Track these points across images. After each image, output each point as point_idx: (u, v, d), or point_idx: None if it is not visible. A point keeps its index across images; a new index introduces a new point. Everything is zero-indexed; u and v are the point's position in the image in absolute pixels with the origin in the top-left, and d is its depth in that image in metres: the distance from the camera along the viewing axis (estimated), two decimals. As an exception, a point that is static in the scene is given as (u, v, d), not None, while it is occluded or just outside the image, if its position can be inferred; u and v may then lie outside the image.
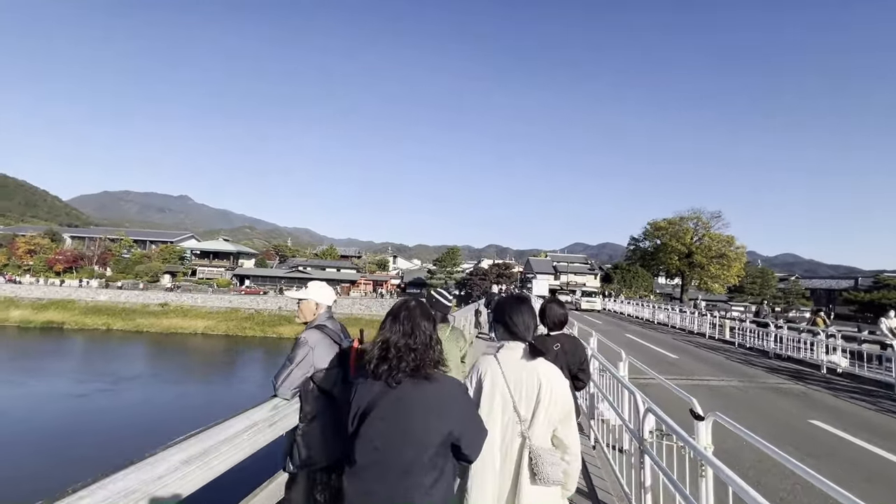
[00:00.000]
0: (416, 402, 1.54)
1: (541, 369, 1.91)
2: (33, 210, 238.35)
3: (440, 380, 1.61)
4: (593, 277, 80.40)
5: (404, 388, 1.55)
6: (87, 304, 45.62)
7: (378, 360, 1.60)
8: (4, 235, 66.08)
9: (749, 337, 15.56)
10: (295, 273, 64.72)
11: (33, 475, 12.16)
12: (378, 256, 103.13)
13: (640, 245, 63.85)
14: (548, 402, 1.84)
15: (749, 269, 60.44)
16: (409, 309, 1.71)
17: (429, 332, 1.68)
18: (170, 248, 65.75)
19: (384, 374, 1.57)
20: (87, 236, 70.75)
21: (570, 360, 3.23)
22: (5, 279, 54.18)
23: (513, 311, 2.06)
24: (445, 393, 1.59)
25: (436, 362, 1.64)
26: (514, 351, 1.97)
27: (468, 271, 67.21)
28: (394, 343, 1.61)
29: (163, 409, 20.47)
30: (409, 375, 1.57)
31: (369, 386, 1.59)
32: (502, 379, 1.90)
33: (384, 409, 1.53)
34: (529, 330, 2.04)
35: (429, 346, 1.64)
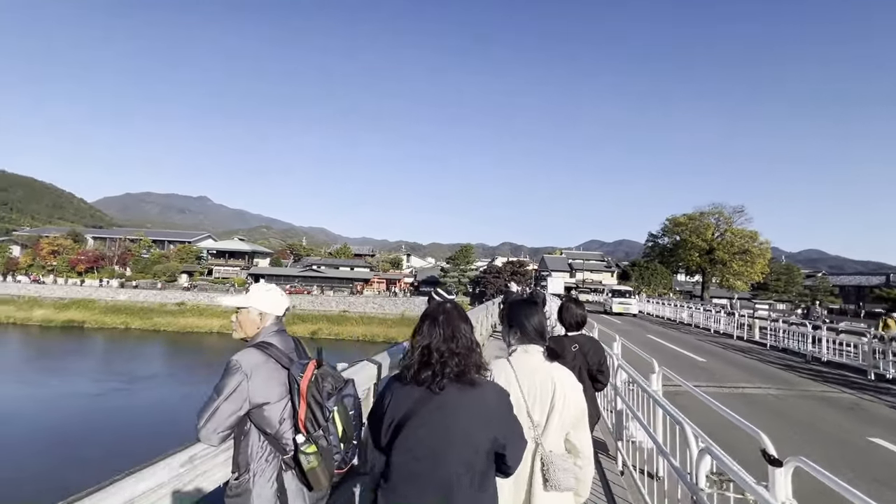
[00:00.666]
0: (461, 408, 1.46)
1: (555, 374, 1.87)
2: (60, 212, 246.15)
3: (484, 385, 1.55)
4: (610, 275, 78.89)
5: (448, 394, 1.48)
6: (107, 304, 46.44)
7: (420, 366, 1.52)
8: (30, 237, 67.96)
9: (782, 338, 14.57)
10: (309, 272, 65.00)
11: (37, 476, 12.03)
12: (392, 255, 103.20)
13: (658, 241, 62.19)
14: (562, 407, 1.81)
15: (773, 266, 58.36)
16: (447, 312, 1.62)
17: (469, 335, 1.60)
18: (187, 248, 66.66)
19: (427, 380, 1.49)
20: (108, 237, 72.30)
21: (589, 360, 3.21)
22: (30, 279, 55.63)
23: (526, 313, 1.99)
24: (490, 398, 1.53)
25: (478, 367, 1.56)
26: (529, 355, 1.92)
27: (482, 269, 66.48)
28: (436, 348, 1.53)
29: (175, 409, 20.40)
30: (454, 381, 1.50)
31: (408, 391, 1.51)
32: (516, 384, 1.85)
33: (426, 416, 1.45)
34: (544, 333, 1.99)
35: (471, 350, 1.57)
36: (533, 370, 1.88)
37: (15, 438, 16.20)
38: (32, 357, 30.58)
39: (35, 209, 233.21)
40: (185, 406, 20.59)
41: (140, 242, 68.55)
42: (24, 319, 42.27)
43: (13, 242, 66.32)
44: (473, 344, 1.60)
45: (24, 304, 44.83)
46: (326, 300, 52.49)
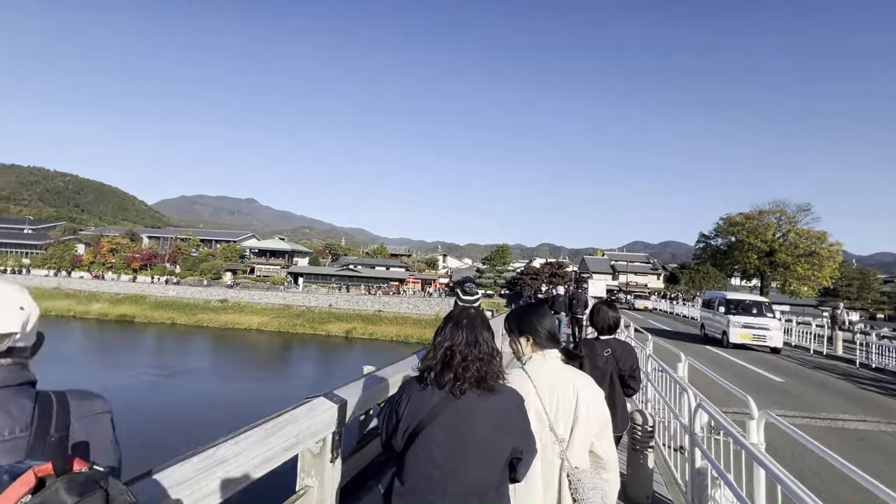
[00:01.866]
0: (482, 414, 1.45)
1: (577, 380, 1.76)
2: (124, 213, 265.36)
3: (504, 391, 1.53)
4: (656, 278, 74.70)
5: (468, 400, 1.46)
6: (157, 300, 48.69)
7: (443, 368, 1.50)
8: (93, 236, 72.95)
9: (877, 353, 12.32)
10: (346, 271, 65.69)
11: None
12: (428, 255, 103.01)
13: (710, 242, 57.92)
14: (586, 418, 1.69)
15: (844, 270, 52.87)
16: (470, 317, 1.60)
17: (490, 342, 1.58)
18: (231, 247, 69.21)
19: (449, 383, 1.47)
20: (162, 236, 76.43)
21: (621, 365, 3.15)
22: (91, 275, 59.52)
23: (536, 317, 1.86)
24: (509, 404, 1.51)
25: (498, 374, 1.54)
26: (547, 361, 1.80)
27: (519, 270, 64.64)
28: (459, 350, 1.51)
29: (209, 405, 20.48)
30: (474, 386, 1.48)
31: (428, 394, 1.49)
32: (535, 396, 1.72)
33: (446, 420, 1.43)
34: (557, 336, 1.88)
35: (492, 357, 1.55)
36: (553, 379, 1.75)
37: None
38: (85, 349, 32.19)
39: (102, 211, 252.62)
40: (220, 400, 20.81)
41: (189, 241, 71.96)
42: (83, 313, 45.03)
43: (78, 241, 71.28)
44: (494, 351, 1.56)
45: (84, 299, 47.81)
46: (362, 299, 52.61)
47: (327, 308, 49.50)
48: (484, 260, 66.90)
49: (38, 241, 71.48)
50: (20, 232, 79.60)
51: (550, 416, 1.71)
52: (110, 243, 65.02)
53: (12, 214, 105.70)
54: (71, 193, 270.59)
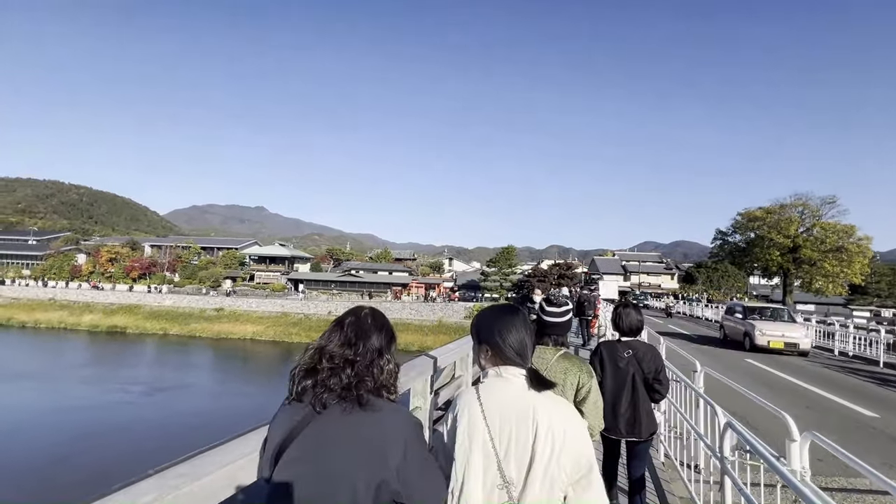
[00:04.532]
0: (342, 436, 1.10)
1: (539, 407, 1.33)
2: (136, 224, 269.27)
3: (385, 408, 1.16)
4: (670, 278, 71.75)
5: (330, 417, 1.13)
6: (151, 309, 47.31)
7: (305, 373, 1.18)
8: (95, 246, 72.43)
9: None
10: (347, 277, 64.00)
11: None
12: (433, 259, 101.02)
13: (728, 239, 54.89)
14: (549, 456, 1.26)
15: (874, 266, 49.50)
16: (357, 315, 1.29)
17: (378, 346, 1.24)
18: (231, 254, 68.03)
19: (307, 391, 1.15)
20: (164, 244, 75.63)
21: (644, 367, 3.04)
22: (90, 285, 58.61)
23: (502, 324, 1.45)
24: (390, 427, 1.14)
25: (381, 386, 1.20)
26: (503, 382, 1.40)
27: (526, 272, 62.23)
28: (328, 353, 1.20)
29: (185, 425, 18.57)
30: (339, 397, 1.14)
31: (291, 411, 1.16)
32: (482, 424, 1.34)
33: (304, 446, 1.10)
34: (526, 352, 1.44)
35: (375, 364, 1.21)
36: (508, 403, 1.35)
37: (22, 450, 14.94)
38: (66, 364, 30.62)
39: (115, 222, 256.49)
40: (188, 422, 18.84)
41: (190, 249, 70.97)
42: (73, 324, 43.78)
43: (79, 251, 70.81)
44: (384, 360, 1.22)
45: (77, 310, 46.62)
46: (362, 306, 50.56)
47: (326, 315, 47.61)
48: (489, 262, 64.53)
49: (40, 252, 71.20)
50: (24, 243, 79.67)
51: (499, 452, 1.30)
52: (109, 252, 64.26)
53: (28, 227, 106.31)
54: (85, 205, 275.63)
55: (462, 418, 1.38)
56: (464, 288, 64.76)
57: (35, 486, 12.28)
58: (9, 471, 13.45)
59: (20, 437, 16.40)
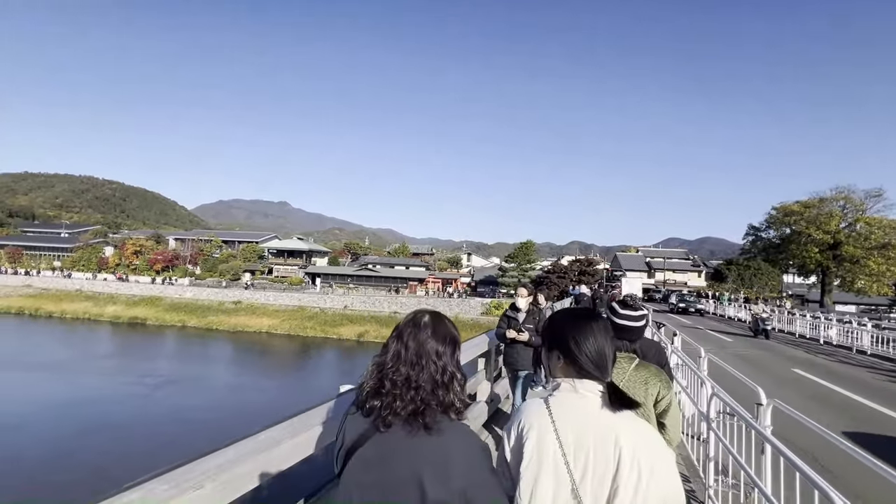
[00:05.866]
0: (405, 458, 1.08)
1: (623, 432, 1.15)
2: (165, 218, 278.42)
3: (446, 429, 1.11)
4: (697, 275, 68.87)
5: (394, 436, 1.11)
6: (172, 302, 48.04)
7: (371, 393, 1.16)
8: (121, 239, 74.44)
9: None
10: (364, 271, 63.74)
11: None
12: (451, 254, 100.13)
13: (761, 235, 52.14)
14: (633, 491, 1.09)
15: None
16: (416, 325, 1.20)
17: (443, 363, 1.17)
18: (251, 248, 68.73)
19: (374, 412, 1.14)
20: (187, 238, 77.14)
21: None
22: (116, 277, 60.15)
23: (578, 329, 1.28)
24: (455, 447, 1.09)
25: (448, 406, 1.14)
26: (578, 397, 1.23)
27: (546, 268, 60.59)
28: (391, 372, 1.15)
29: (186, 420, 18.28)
30: (405, 420, 1.11)
31: (358, 420, 1.17)
32: (555, 442, 1.18)
33: (369, 455, 1.12)
34: (606, 363, 1.26)
35: (439, 385, 1.14)
36: (584, 423, 1.19)
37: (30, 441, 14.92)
38: (85, 355, 31.09)
39: (146, 216, 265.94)
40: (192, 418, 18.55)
41: (212, 243, 72.12)
42: (97, 315, 44.80)
43: (107, 244, 72.82)
44: (447, 376, 1.16)
45: (102, 301, 47.73)
46: (378, 300, 50.29)
47: (342, 309, 47.42)
48: (507, 258, 63.11)
49: (71, 245, 73.57)
50: (57, 236, 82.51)
51: (574, 477, 1.14)
52: (134, 245, 65.77)
53: (64, 220, 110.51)
54: (118, 200, 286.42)
55: (530, 435, 1.21)
56: (481, 283, 63.65)
57: (27, 483, 11.95)
58: (9, 465, 13.24)
59: (27, 430, 16.31)
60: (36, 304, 46.94)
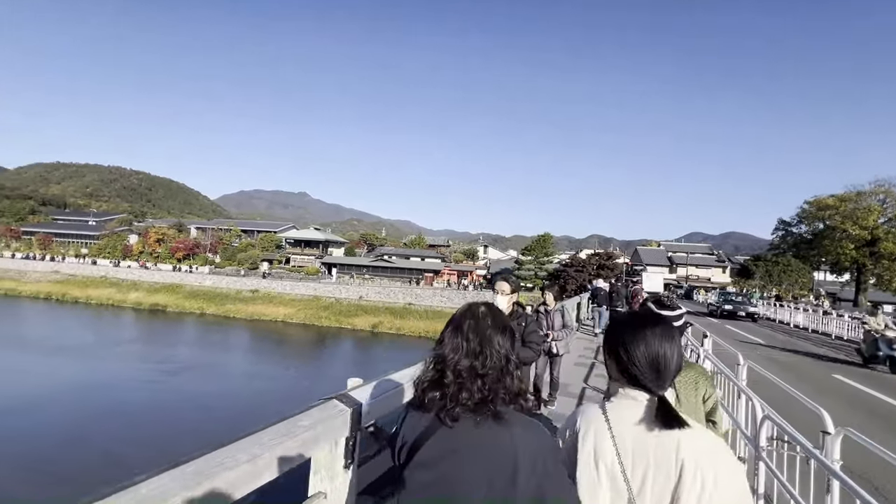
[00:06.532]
0: (477, 451, 1.04)
1: (685, 442, 1.10)
2: (189, 207, 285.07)
3: (516, 422, 1.07)
4: (721, 271, 66.60)
5: (462, 429, 1.07)
6: (192, 289, 48.87)
7: (430, 385, 1.12)
8: (145, 227, 76.22)
9: None
10: (379, 262, 63.71)
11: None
12: (468, 246, 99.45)
13: (791, 230, 49.89)
14: (698, 498, 1.05)
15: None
16: (475, 316, 1.18)
17: (504, 350, 1.14)
18: (269, 237, 69.49)
19: (436, 405, 1.10)
20: (208, 227, 78.51)
21: None
22: (139, 265, 61.62)
23: (630, 334, 1.21)
24: (524, 441, 1.05)
25: (514, 395, 1.11)
26: (636, 405, 1.18)
27: (564, 262, 59.43)
28: (452, 363, 1.12)
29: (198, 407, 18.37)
30: (472, 411, 1.07)
31: (419, 416, 1.14)
32: (612, 450, 1.15)
33: (432, 454, 1.07)
34: (661, 373, 1.18)
35: (504, 372, 1.12)
36: (644, 433, 1.14)
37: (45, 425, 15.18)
38: (105, 340, 31.79)
39: (171, 206, 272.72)
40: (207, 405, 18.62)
41: (231, 232, 73.19)
42: (119, 301, 45.92)
43: (131, 232, 74.67)
44: (511, 364, 1.14)
45: (125, 287, 48.90)
46: (393, 291, 50.16)
47: (357, 300, 47.47)
48: (524, 250, 62.13)
49: (97, 233, 75.71)
50: (85, 224, 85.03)
51: (632, 487, 1.12)
52: (156, 234, 67.21)
53: (94, 209, 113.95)
54: (144, 190, 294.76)
55: (586, 439, 1.20)
56: (496, 276, 62.92)
57: (31, 471, 12.01)
58: (22, 446, 13.40)
59: (44, 413, 16.54)
60: (63, 290, 48.41)
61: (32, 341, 28.90)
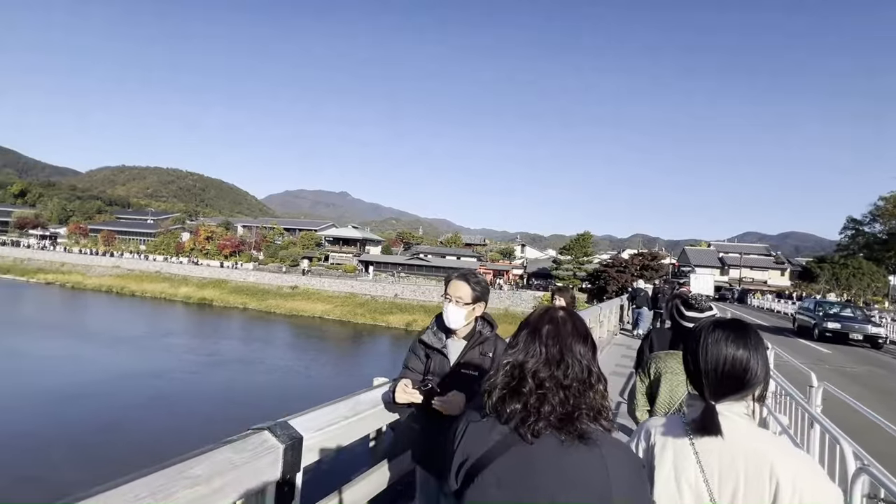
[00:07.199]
0: (563, 474, 0.92)
1: (780, 459, 1.03)
2: (238, 207, 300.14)
3: (604, 442, 0.96)
4: (780, 273, 61.80)
5: (543, 448, 0.95)
6: (236, 284, 51.02)
7: (507, 394, 1.01)
8: (197, 225, 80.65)
9: None
10: (415, 260, 63.99)
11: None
12: (505, 245, 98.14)
13: (863, 230, 45.43)
14: None
15: None
16: (555, 321, 1.07)
17: (587, 361, 1.03)
18: (309, 235, 71.55)
19: (514, 417, 0.98)
20: (253, 225, 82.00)
21: None
22: (189, 261, 65.18)
23: (703, 338, 1.14)
24: (616, 464, 0.94)
25: (596, 412, 0.99)
26: (723, 419, 1.07)
27: (605, 262, 57.18)
28: (531, 371, 1.01)
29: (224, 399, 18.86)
30: (556, 427, 0.96)
31: (486, 428, 1.01)
32: (695, 468, 1.07)
33: (507, 473, 0.95)
34: (746, 380, 1.09)
35: (589, 385, 1.00)
36: (733, 447, 1.05)
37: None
38: (155, 332, 33.62)
39: (221, 205, 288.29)
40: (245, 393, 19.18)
41: (274, 230, 76.00)
42: (171, 295, 48.66)
43: (184, 230, 79.23)
44: (594, 376, 1.02)
45: (176, 282, 51.79)
46: (428, 289, 50.12)
47: (392, 298, 47.81)
48: (562, 249, 60.31)
49: (154, 230, 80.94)
50: (144, 222, 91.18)
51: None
52: (206, 231, 70.85)
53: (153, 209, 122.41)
54: (198, 190, 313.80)
55: (664, 455, 1.11)
56: (535, 276, 61.54)
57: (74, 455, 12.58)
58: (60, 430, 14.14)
59: (86, 401, 17.35)
60: (122, 284, 51.92)
61: (93, 331, 30.99)
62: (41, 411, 15.88)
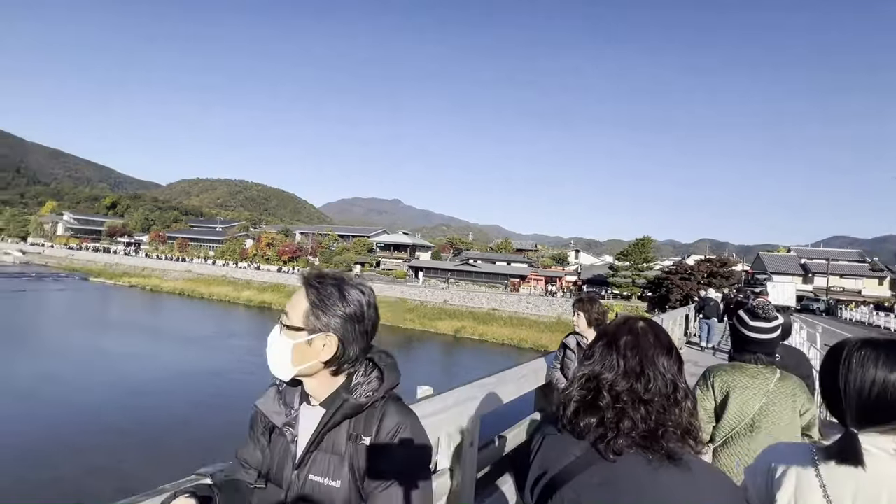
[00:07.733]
0: (650, 501, 0.84)
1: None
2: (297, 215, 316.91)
3: (697, 468, 0.87)
4: (877, 282, 54.71)
5: (630, 467, 0.87)
6: (293, 288, 50.89)
7: (583, 408, 0.95)
8: (258, 232, 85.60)
9: None
10: (464, 266, 63.43)
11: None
12: (558, 251, 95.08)
13: None
14: None
15: None
16: (633, 332, 1.00)
17: (671, 376, 0.95)
18: (361, 241, 73.40)
19: (591, 432, 0.92)
20: (309, 232, 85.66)
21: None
22: (251, 266, 69.09)
23: (847, 359, 1.00)
24: (713, 492, 0.84)
25: (685, 430, 0.91)
26: (867, 456, 0.96)
27: (667, 269, 53.40)
28: (607, 384, 0.94)
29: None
30: (641, 447, 0.88)
31: (563, 443, 0.96)
32: (822, 501, 0.96)
33: (587, 491, 0.88)
34: (890, 408, 0.97)
35: (673, 402, 0.92)
36: (874, 482, 0.93)
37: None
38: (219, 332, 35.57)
39: (283, 213, 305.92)
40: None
41: (329, 236, 78.83)
42: (234, 298, 51.60)
43: (248, 237, 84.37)
44: (680, 392, 0.94)
45: (239, 286, 54.94)
46: (477, 296, 49.43)
47: (441, 304, 47.57)
48: (619, 255, 57.06)
49: (222, 238, 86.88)
50: (213, 230, 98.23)
51: None
52: (267, 238, 74.85)
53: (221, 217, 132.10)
54: (262, 199, 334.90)
55: (784, 485, 1.01)
56: (589, 283, 58.68)
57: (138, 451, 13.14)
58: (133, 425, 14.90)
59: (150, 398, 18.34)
60: (192, 287, 55.88)
61: (164, 331, 33.35)
62: (118, 404, 17.08)
